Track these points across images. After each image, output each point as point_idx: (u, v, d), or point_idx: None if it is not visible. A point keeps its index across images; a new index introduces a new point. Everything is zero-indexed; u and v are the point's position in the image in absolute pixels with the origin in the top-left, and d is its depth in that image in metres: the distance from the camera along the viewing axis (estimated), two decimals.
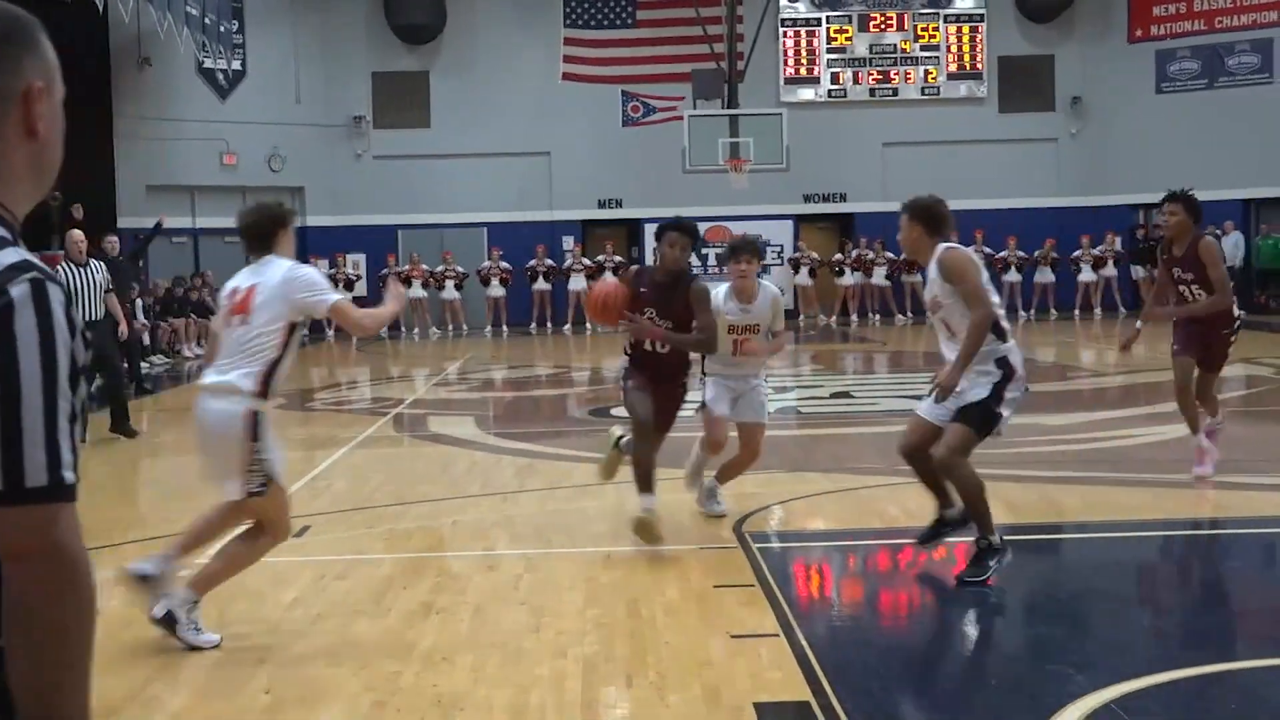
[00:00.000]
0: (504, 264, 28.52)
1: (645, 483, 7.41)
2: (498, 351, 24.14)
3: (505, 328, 28.19)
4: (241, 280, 6.37)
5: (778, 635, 5.92)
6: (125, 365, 17.02)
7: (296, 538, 8.35)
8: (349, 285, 28.71)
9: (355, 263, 29.09)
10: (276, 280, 6.11)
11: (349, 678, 5.47)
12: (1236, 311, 9.05)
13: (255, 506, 6.01)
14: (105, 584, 7.39)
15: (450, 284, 28.61)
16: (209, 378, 6.12)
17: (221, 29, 26.69)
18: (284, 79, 29.04)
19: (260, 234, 6.57)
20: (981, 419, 6.44)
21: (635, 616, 6.21)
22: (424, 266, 28.55)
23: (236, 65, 28.60)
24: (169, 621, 5.78)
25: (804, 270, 28.78)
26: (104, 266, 13.70)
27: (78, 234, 13.52)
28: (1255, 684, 5.17)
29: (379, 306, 6.80)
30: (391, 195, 29.28)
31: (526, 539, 8.17)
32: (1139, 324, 9.49)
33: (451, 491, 10.12)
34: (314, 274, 6.66)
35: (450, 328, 28.50)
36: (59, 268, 13.61)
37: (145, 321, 21.98)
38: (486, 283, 28.61)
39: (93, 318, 13.10)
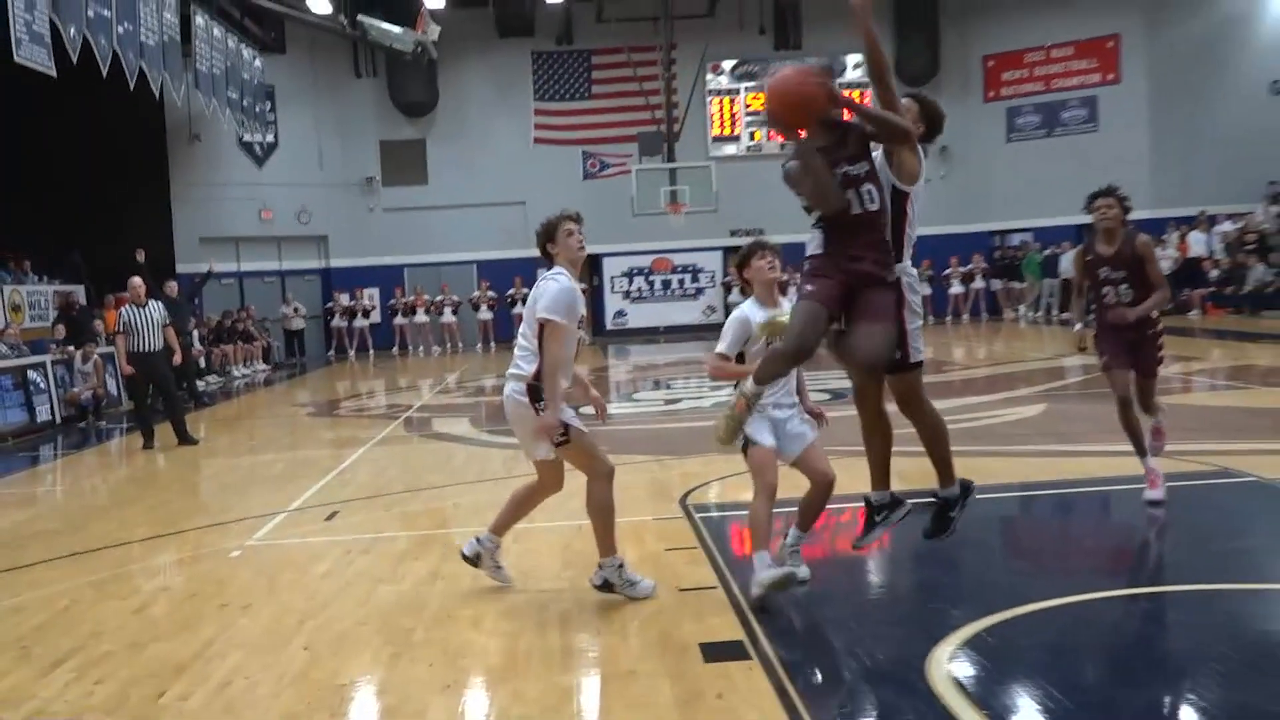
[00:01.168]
0: (491, 293, 28.69)
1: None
2: (487, 364, 24.08)
3: (493, 344, 28.17)
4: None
5: (716, 588, 5.94)
6: (185, 385, 16.97)
7: (327, 520, 8.37)
8: (366, 314, 28.76)
9: (371, 295, 29.08)
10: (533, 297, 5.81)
11: (372, 634, 5.45)
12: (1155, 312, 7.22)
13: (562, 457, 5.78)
14: (177, 563, 7.37)
15: (448, 310, 28.68)
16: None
17: (257, 109, 26.59)
18: (309, 148, 28.93)
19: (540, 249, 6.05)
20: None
21: None
22: (426, 296, 28.68)
23: (270, 138, 28.51)
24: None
25: (735, 290, 28.88)
26: (161, 306, 13.62)
27: (137, 280, 13.44)
28: (1093, 612, 5.23)
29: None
30: (398, 240, 29.28)
31: None
32: (1079, 326, 7.72)
33: (452, 479, 10.09)
34: (549, 288, 5.76)
35: (449, 345, 28.46)
36: (122, 309, 13.56)
37: (201, 348, 21.84)
38: (477, 308, 28.72)
39: (152, 349, 13.07)
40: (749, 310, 5.75)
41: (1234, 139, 27.18)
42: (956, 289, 28.37)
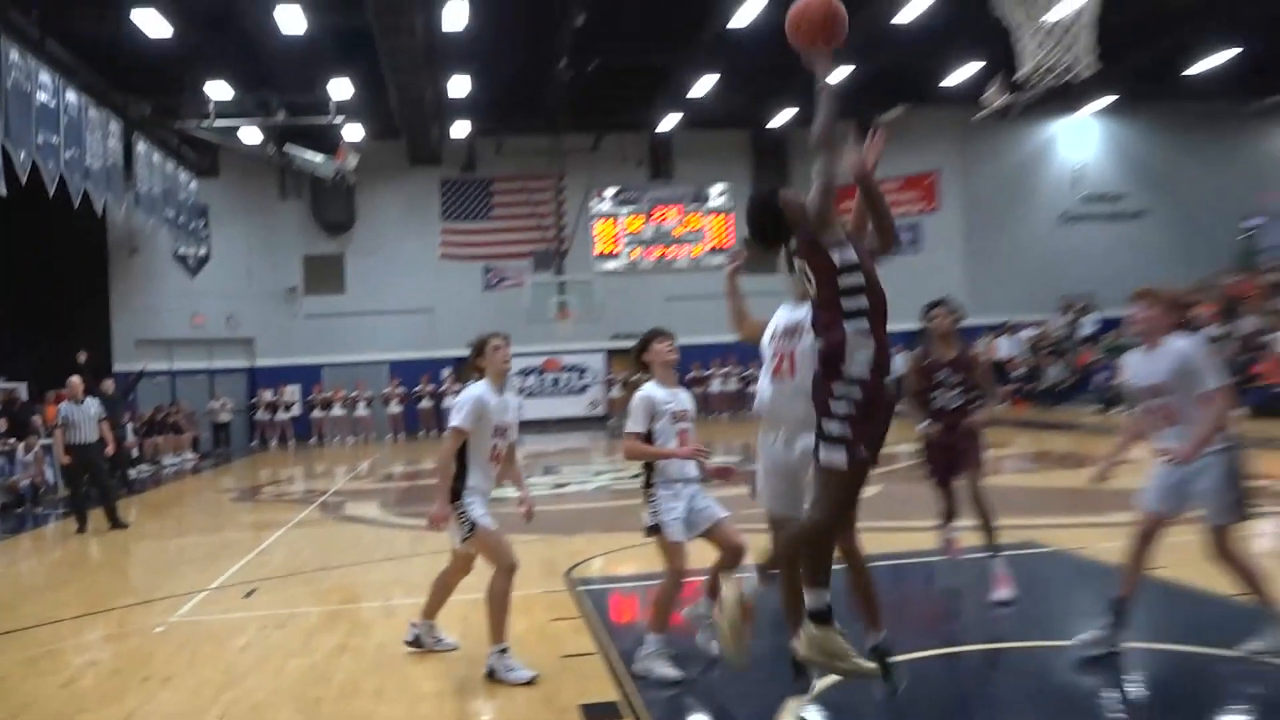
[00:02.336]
0: (401, 389, 28.31)
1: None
2: (396, 453, 23.71)
3: (402, 435, 27.79)
4: None
5: (596, 654, 5.88)
6: (118, 473, 16.34)
7: (245, 597, 8.08)
8: (287, 408, 28.14)
9: (292, 391, 28.41)
10: None
11: (284, 703, 5.27)
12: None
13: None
14: (104, 640, 7.03)
15: (362, 405, 28.19)
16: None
17: (192, 226, 26.13)
18: (238, 260, 28.43)
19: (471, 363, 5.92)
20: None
21: None
22: (342, 392, 28.17)
23: (203, 251, 27.97)
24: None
25: (615, 387, 29.02)
26: (98, 402, 13.22)
27: (75, 379, 13.03)
28: (924, 667, 5.26)
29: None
30: (318, 342, 28.80)
31: (417, 591, 7.92)
32: (925, 425, 6.91)
33: (362, 558, 9.86)
34: (461, 398, 5.72)
35: (362, 436, 27.92)
36: (61, 405, 13.11)
37: (134, 439, 21.10)
38: (388, 403, 28.28)
39: (88, 441, 12.64)
40: (651, 390, 5.51)
41: (1032, 259, 28.40)
42: None
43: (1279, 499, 10.21)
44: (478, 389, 5.69)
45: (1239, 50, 24.39)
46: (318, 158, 25.05)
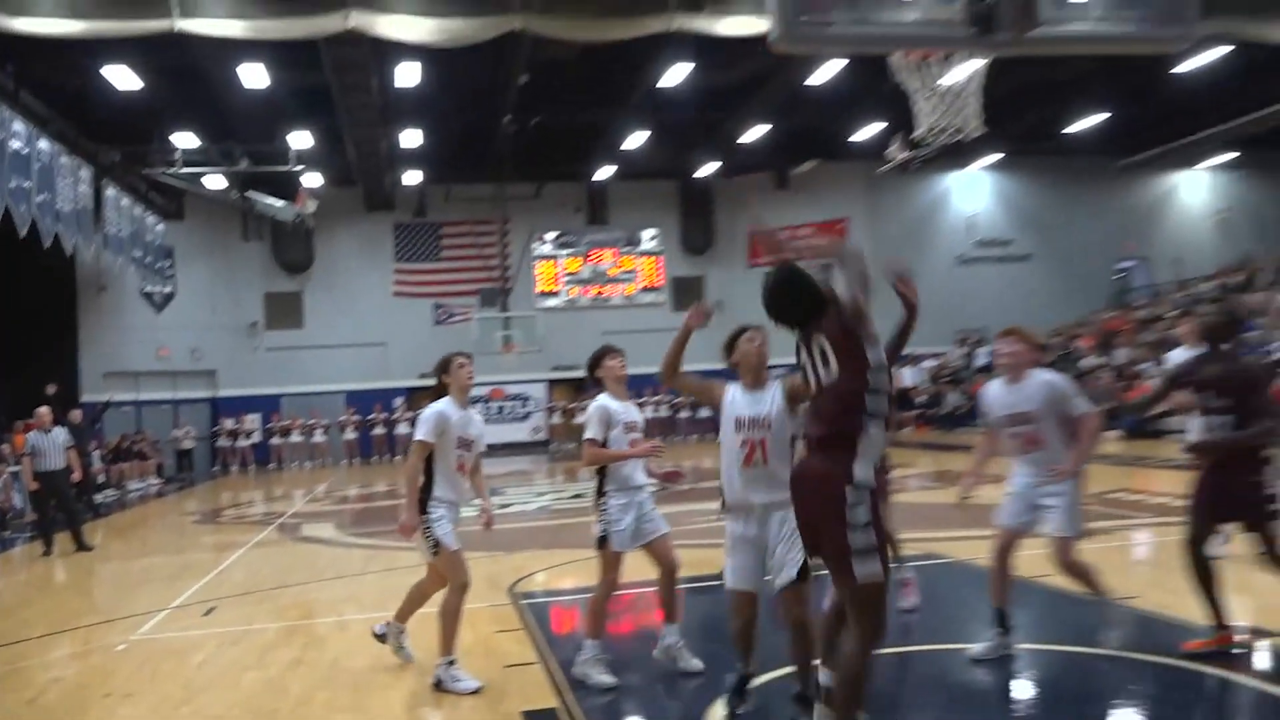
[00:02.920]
0: (356, 417, 27.91)
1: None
2: (352, 476, 23.33)
3: (356, 460, 27.37)
4: None
5: (537, 663, 5.82)
6: (84, 498, 15.85)
7: (205, 615, 7.87)
8: (248, 435, 27.58)
9: (253, 419, 27.81)
10: None
11: (241, 715, 5.14)
12: None
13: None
14: (69, 657, 6.78)
15: (319, 432, 27.71)
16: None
17: (158, 266, 25.60)
18: (202, 298, 27.87)
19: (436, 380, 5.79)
20: None
21: None
22: (300, 420, 27.69)
23: (169, 289, 27.38)
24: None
25: (556, 414, 28.93)
26: (65, 431, 12.86)
27: (43, 410, 12.66)
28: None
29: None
30: (278, 374, 28.27)
31: (369, 607, 7.83)
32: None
33: (317, 576, 9.66)
34: (424, 415, 5.60)
35: (319, 461, 27.45)
36: (30, 434, 12.72)
37: (100, 465, 20.51)
38: (344, 430, 27.87)
39: (55, 468, 12.27)
40: (606, 401, 5.48)
41: (932, 297, 28.58)
42: None
43: (1154, 511, 10.47)
44: (440, 404, 5.61)
45: (1108, 115, 25.24)
46: (279, 203, 24.73)
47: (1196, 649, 5.09)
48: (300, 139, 22.20)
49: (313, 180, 24.98)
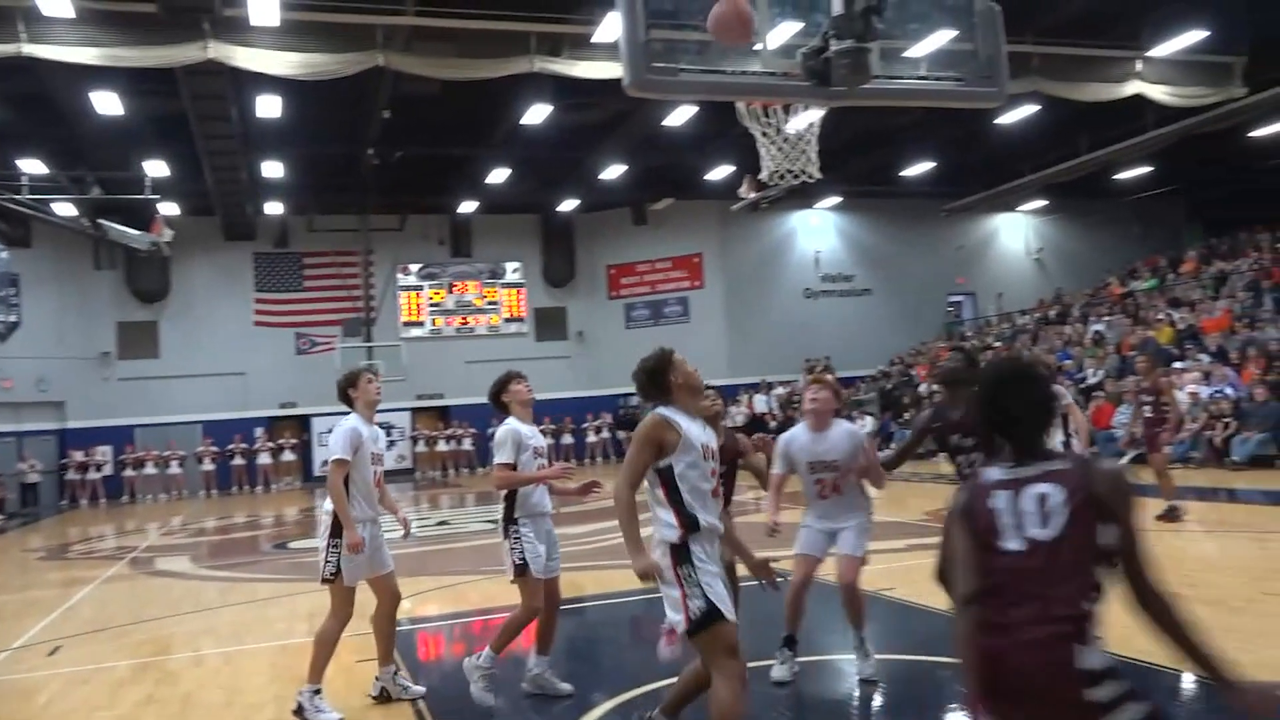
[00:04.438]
0: (213, 448, 26.72)
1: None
2: (209, 508, 22.31)
3: (214, 491, 26.20)
4: None
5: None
6: None
7: (50, 655, 7.38)
8: (99, 468, 26.08)
9: (104, 451, 26.33)
10: None
11: None
12: None
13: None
14: None
15: (175, 463, 26.42)
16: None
17: (1, 295, 24.02)
18: (50, 327, 26.25)
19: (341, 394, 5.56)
20: None
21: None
22: (155, 451, 26.33)
23: (13, 318, 25.62)
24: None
25: (420, 442, 28.39)
26: None
27: None
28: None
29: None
30: (131, 405, 26.86)
31: (226, 640, 7.52)
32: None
33: (171, 611, 9.18)
34: (338, 433, 5.38)
35: (174, 493, 26.14)
36: None
37: None
38: (200, 461, 26.64)
39: None
40: (515, 425, 5.33)
41: (782, 328, 29.71)
42: (592, 438, 29.04)
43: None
44: (351, 421, 5.42)
45: (936, 162, 26.65)
46: (133, 231, 23.57)
47: None
48: (156, 167, 21.25)
49: (169, 209, 23.94)
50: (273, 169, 22.64)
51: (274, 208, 26.42)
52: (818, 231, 31.33)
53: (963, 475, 5.02)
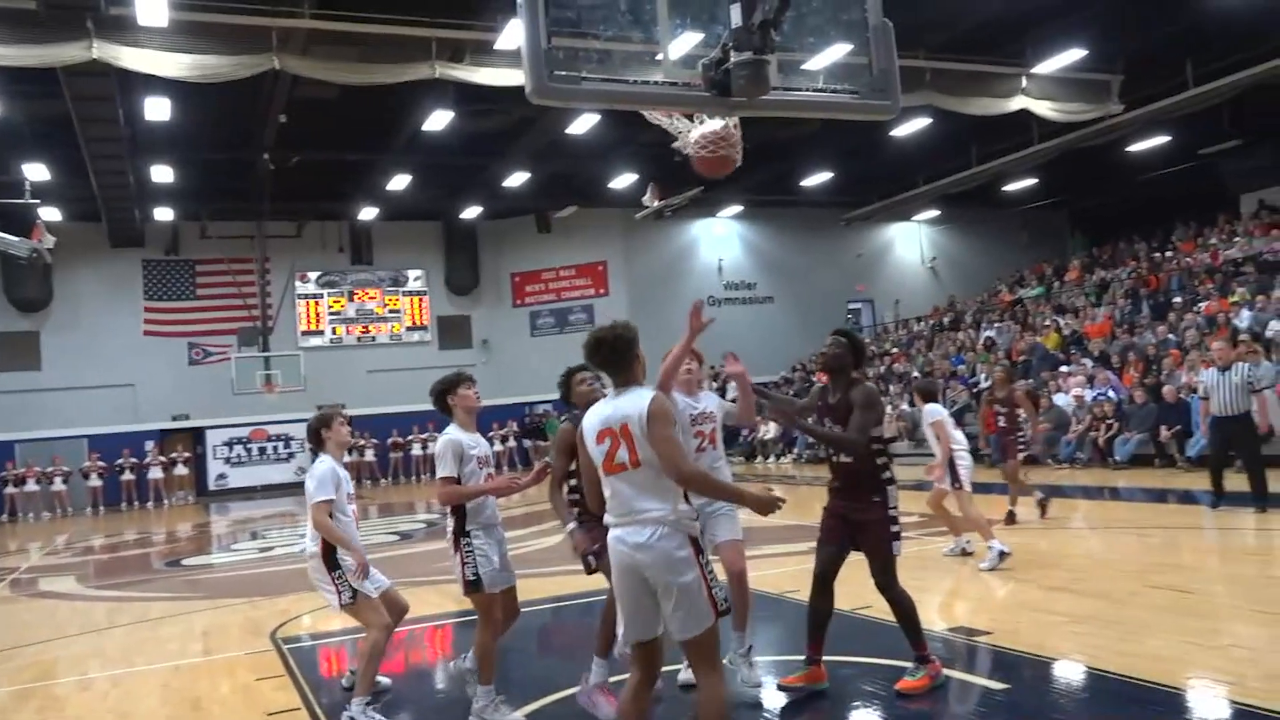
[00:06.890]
0: (101, 463, 25.58)
1: None
2: (96, 526, 21.37)
3: (102, 508, 25.10)
4: None
5: (300, 709, 5.55)
6: None
7: None
8: None
9: None
10: None
11: None
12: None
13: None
14: None
15: (59, 479, 25.19)
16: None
17: None
18: None
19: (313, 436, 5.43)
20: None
21: (198, 710, 5.62)
22: (36, 468, 25.06)
23: None
24: None
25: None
26: None
27: None
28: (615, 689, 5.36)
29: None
30: (11, 420, 25.50)
31: (115, 662, 7.20)
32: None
33: (56, 633, 8.75)
34: (318, 475, 5.25)
35: (59, 511, 24.95)
36: None
37: None
38: (87, 476, 25.46)
39: None
40: (456, 434, 5.02)
41: (680, 334, 29.91)
42: (498, 446, 28.75)
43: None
44: (327, 462, 5.34)
45: (834, 173, 27.27)
46: (11, 238, 22.42)
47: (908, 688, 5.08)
48: (36, 170, 20.31)
49: (51, 214, 22.88)
50: (163, 173, 21.86)
51: (164, 213, 25.51)
52: (721, 240, 31.71)
53: (821, 458, 5.28)
